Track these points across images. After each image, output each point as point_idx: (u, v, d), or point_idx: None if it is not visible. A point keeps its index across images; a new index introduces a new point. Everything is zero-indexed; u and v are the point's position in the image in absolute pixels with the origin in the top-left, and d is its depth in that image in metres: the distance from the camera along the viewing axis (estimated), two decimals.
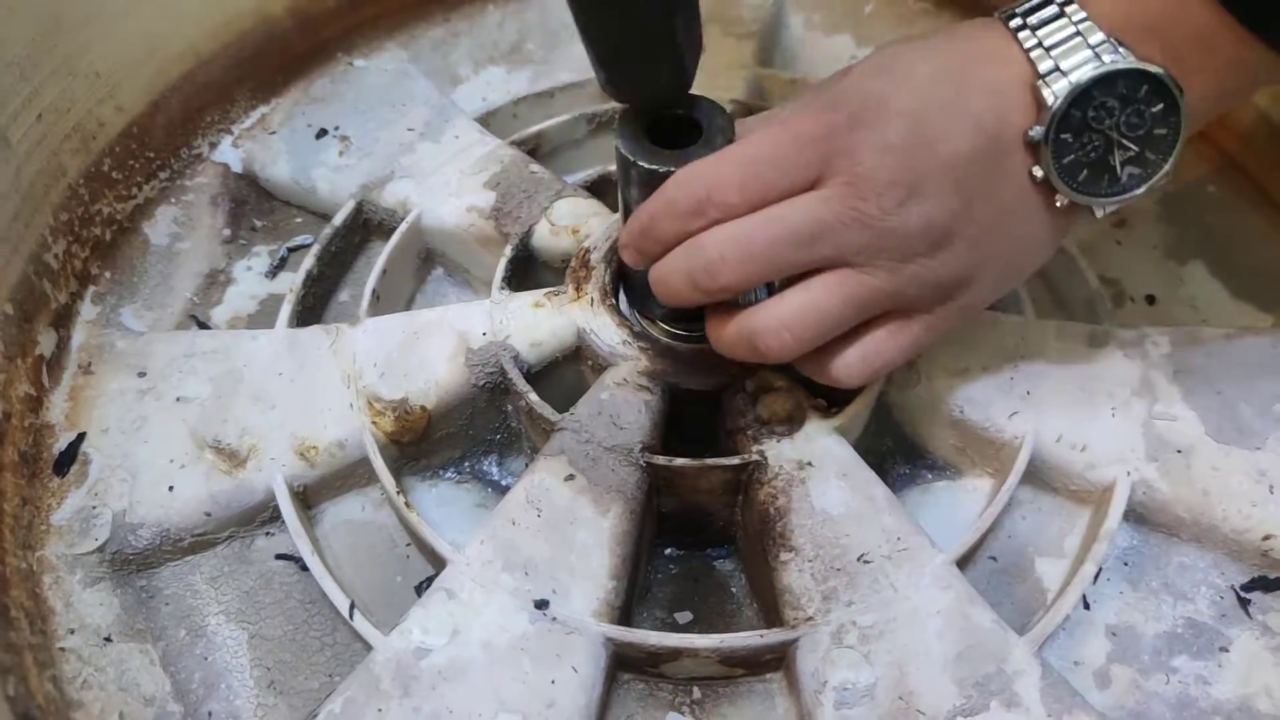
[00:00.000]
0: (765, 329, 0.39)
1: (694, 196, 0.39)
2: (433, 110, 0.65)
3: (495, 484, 0.54)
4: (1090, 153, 0.39)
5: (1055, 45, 0.38)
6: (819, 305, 0.39)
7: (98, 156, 0.59)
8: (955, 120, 0.38)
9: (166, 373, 0.53)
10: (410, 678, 0.42)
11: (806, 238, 0.38)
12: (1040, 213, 0.40)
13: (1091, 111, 0.38)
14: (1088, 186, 0.40)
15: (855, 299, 0.39)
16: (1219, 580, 0.48)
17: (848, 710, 0.41)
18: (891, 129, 0.37)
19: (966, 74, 0.39)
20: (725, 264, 0.38)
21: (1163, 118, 0.39)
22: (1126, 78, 0.38)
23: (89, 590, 0.47)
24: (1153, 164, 0.40)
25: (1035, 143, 0.39)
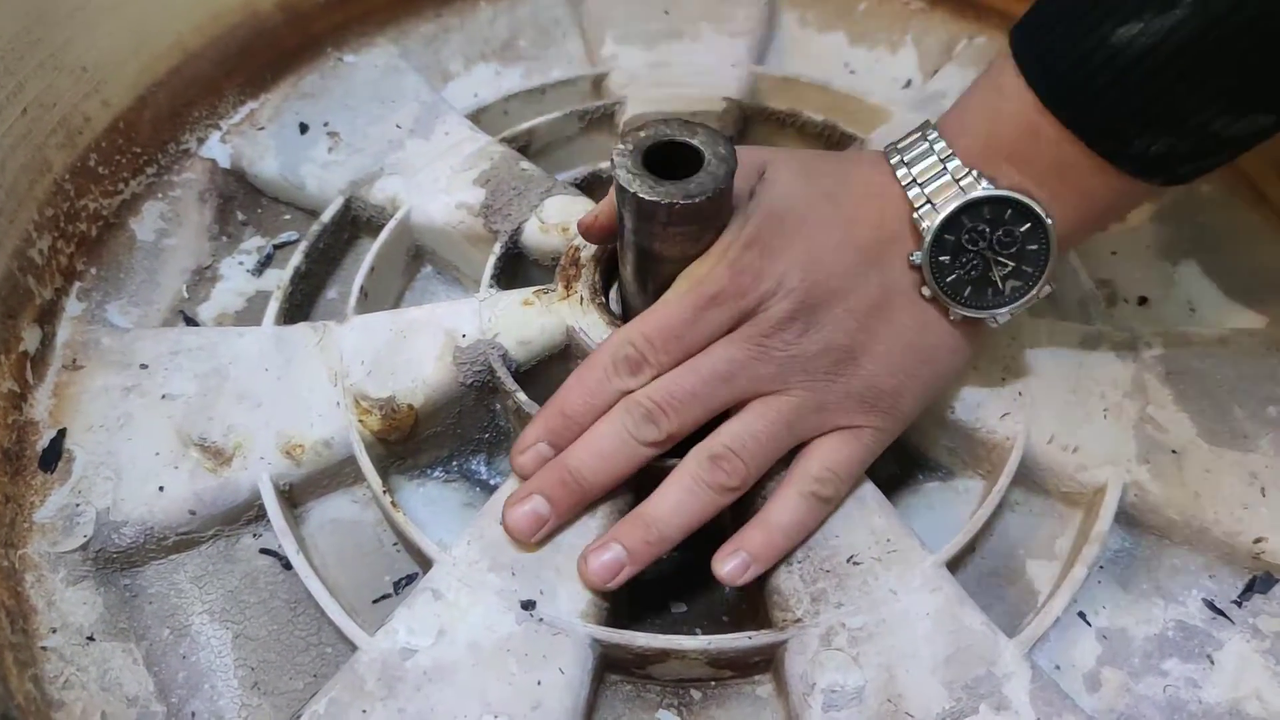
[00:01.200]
0: (714, 454, 0.43)
1: (631, 357, 0.44)
2: (423, 106, 0.65)
3: (483, 483, 0.54)
4: (970, 271, 0.43)
5: (926, 180, 0.43)
6: (752, 427, 0.44)
7: (84, 152, 0.59)
8: (843, 257, 0.43)
9: (152, 370, 0.53)
10: (395, 678, 0.42)
11: (725, 375, 0.43)
12: (940, 324, 0.45)
13: (965, 235, 0.43)
14: (974, 300, 0.44)
15: (782, 415, 0.44)
16: (1210, 583, 0.48)
17: (836, 713, 0.41)
18: (789, 276, 0.43)
19: (852, 215, 0.44)
20: (661, 411, 0.43)
21: (1031, 235, 0.43)
22: (989, 204, 0.42)
23: (72, 589, 0.47)
24: (1030, 276, 0.44)
25: (917, 266, 0.43)
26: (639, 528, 0.43)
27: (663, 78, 0.67)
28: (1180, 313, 0.59)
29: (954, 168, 0.42)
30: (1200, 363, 0.52)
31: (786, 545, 0.44)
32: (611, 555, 0.43)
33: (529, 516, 0.44)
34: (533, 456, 0.45)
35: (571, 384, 0.45)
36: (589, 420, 0.44)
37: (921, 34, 0.73)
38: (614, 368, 0.44)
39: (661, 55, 0.69)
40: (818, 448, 0.45)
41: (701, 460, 0.44)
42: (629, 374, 0.44)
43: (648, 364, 0.44)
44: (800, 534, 0.44)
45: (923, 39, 0.73)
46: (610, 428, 0.44)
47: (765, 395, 0.44)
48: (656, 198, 0.41)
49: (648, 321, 0.44)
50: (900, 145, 0.45)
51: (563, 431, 0.45)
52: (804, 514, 0.44)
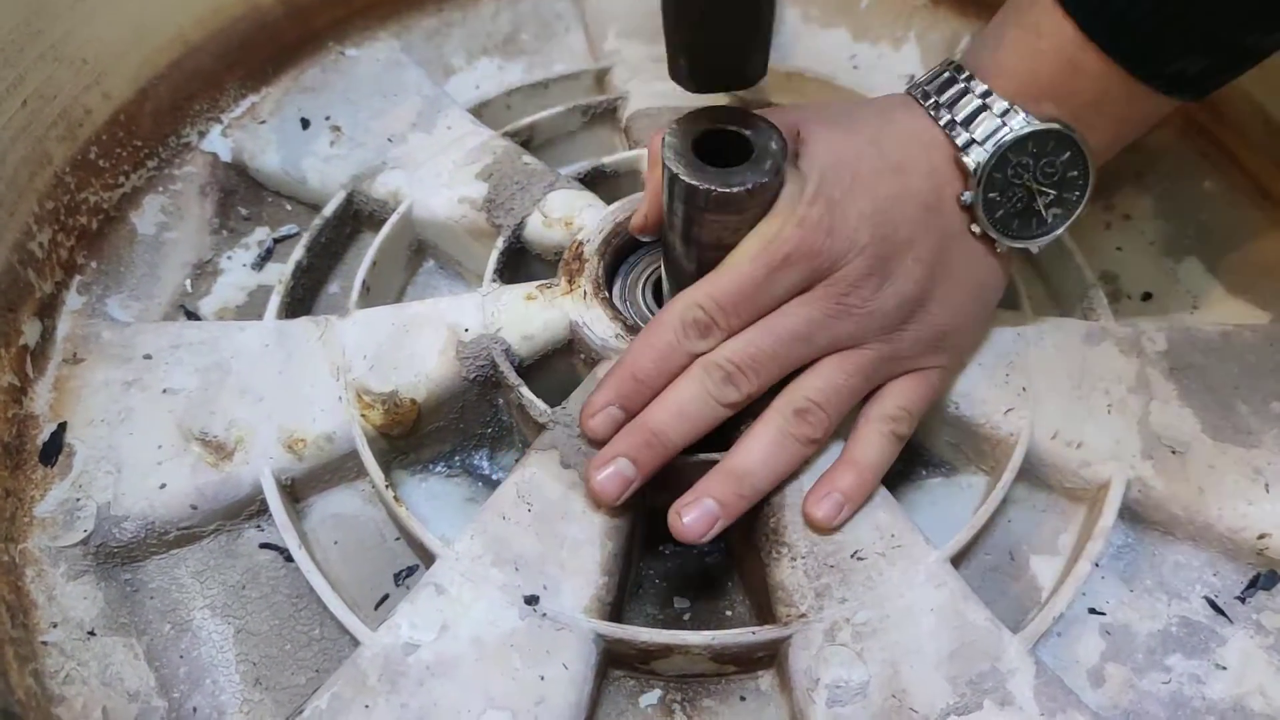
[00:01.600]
0: (800, 408, 0.44)
1: (702, 321, 0.43)
2: (425, 100, 0.64)
3: (486, 478, 0.54)
4: (1016, 204, 0.44)
5: (967, 119, 0.43)
6: (833, 381, 0.44)
7: (84, 144, 0.58)
8: (904, 207, 0.44)
9: (153, 364, 0.52)
10: (398, 673, 0.42)
11: (804, 336, 0.43)
12: (987, 259, 0.46)
13: (1010, 171, 0.43)
14: (1020, 232, 0.45)
15: (860, 369, 0.45)
16: (1214, 579, 0.48)
17: (840, 708, 0.41)
18: (859, 232, 0.43)
19: (902, 163, 0.44)
20: (741, 373, 0.43)
21: (1071, 162, 0.44)
22: (1033, 138, 0.43)
23: (72, 583, 0.47)
24: (1071, 202, 0.45)
25: (968, 206, 0.44)
26: (731, 480, 0.44)
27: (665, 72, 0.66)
28: (1183, 309, 0.59)
29: (996, 105, 0.43)
30: (1204, 358, 0.52)
31: (874, 483, 0.45)
32: (703, 510, 0.43)
33: (615, 479, 0.43)
34: (605, 420, 0.45)
35: (640, 348, 0.45)
36: (660, 383, 0.44)
37: (925, 30, 0.73)
38: (684, 330, 0.44)
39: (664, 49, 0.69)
40: (891, 388, 0.46)
41: (787, 414, 0.44)
42: (699, 337, 0.44)
43: (718, 327, 0.43)
44: (882, 471, 0.46)
45: (926, 35, 0.72)
46: (691, 389, 0.44)
47: (843, 350, 0.44)
48: (696, 182, 0.41)
49: (717, 283, 0.43)
50: (930, 87, 0.45)
51: (634, 395, 0.44)
52: (886, 450, 0.45)
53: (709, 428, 0.44)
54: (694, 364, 0.44)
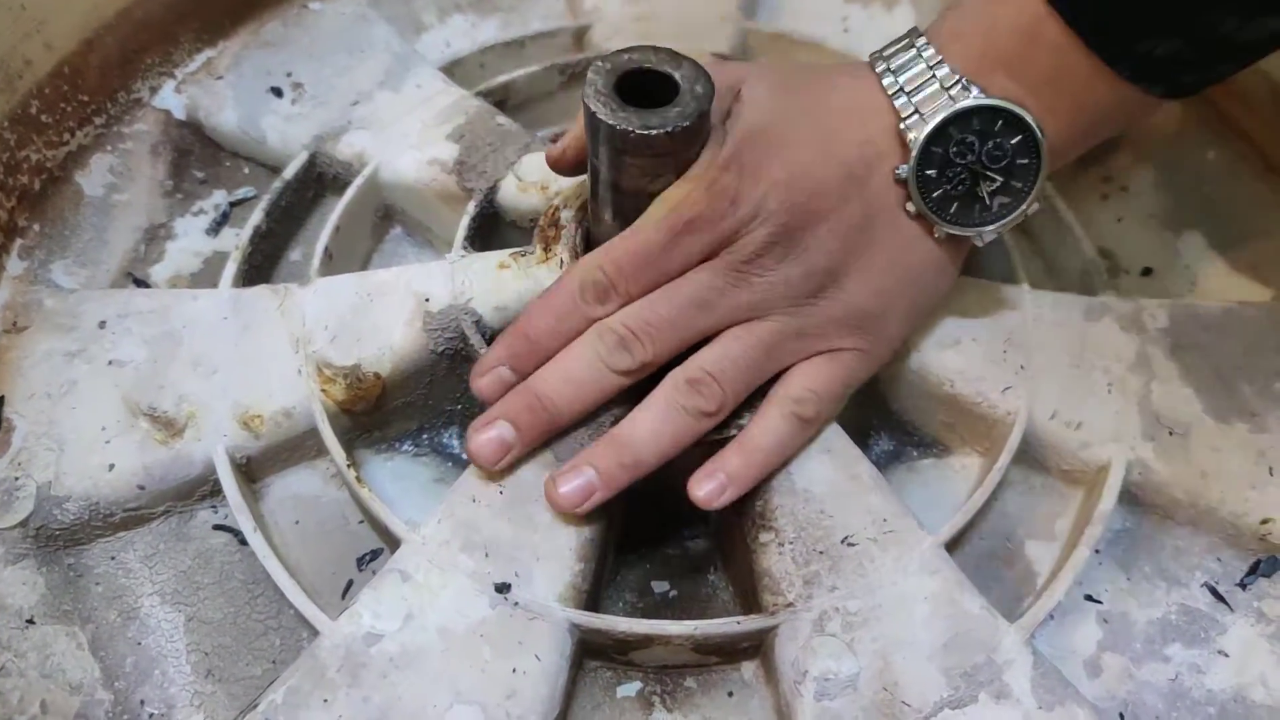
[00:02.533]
0: (691, 378, 0.41)
1: (600, 283, 0.42)
2: (394, 58, 0.61)
3: (455, 458, 0.51)
4: (957, 186, 0.41)
5: (914, 89, 0.41)
6: (730, 351, 0.42)
7: (24, 98, 0.54)
8: (824, 176, 0.41)
9: (99, 334, 0.49)
10: (359, 665, 0.39)
11: (702, 303, 0.41)
12: (922, 242, 0.43)
13: (952, 148, 0.41)
14: (961, 217, 0.42)
15: (760, 341, 0.42)
16: (1215, 565, 0.46)
17: (829, 702, 0.39)
18: (767, 200, 0.40)
19: (833, 130, 0.42)
20: (635, 338, 0.41)
21: (1022, 148, 0.41)
22: (979, 114, 0.40)
23: (10, 568, 0.44)
24: (1019, 192, 0.42)
25: (902, 180, 0.42)
26: (612, 450, 0.41)
27: (648, 31, 0.64)
28: (1184, 283, 0.57)
29: (943, 76, 0.40)
30: (1206, 336, 0.50)
31: (766, 466, 0.42)
32: (583, 479, 0.41)
33: (493, 443, 0.42)
34: (493, 380, 0.43)
35: (536, 308, 0.43)
36: (554, 346, 0.42)
37: None
38: (582, 293, 0.42)
39: (647, 7, 0.66)
40: (798, 370, 0.43)
41: (678, 384, 0.42)
42: (597, 301, 0.42)
43: (617, 292, 0.42)
44: (780, 455, 0.43)
45: None
46: (582, 353, 0.42)
47: (744, 322, 0.42)
48: (615, 123, 0.38)
49: (619, 247, 0.42)
50: (886, 54, 0.43)
51: (526, 356, 0.43)
52: (784, 435, 0.42)
53: (600, 396, 0.42)
54: (589, 329, 0.42)
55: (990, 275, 0.51)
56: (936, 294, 0.45)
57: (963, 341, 0.48)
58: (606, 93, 0.39)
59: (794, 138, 0.41)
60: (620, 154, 0.40)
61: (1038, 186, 0.42)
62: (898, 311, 0.44)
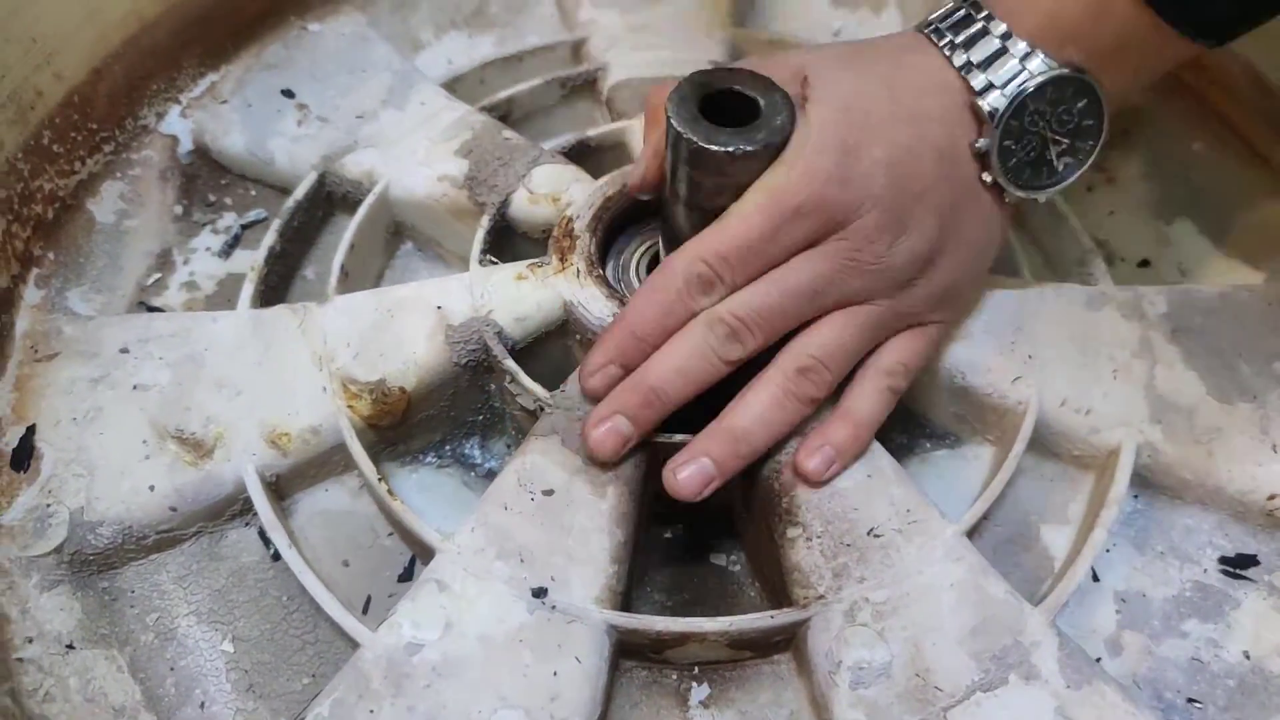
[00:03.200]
0: (803, 365, 0.42)
1: (705, 275, 0.41)
2: (395, 76, 0.62)
3: (478, 467, 0.52)
4: (1030, 153, 0.43)
5: (985, 62, 0.41)
6: (839, 338, 0.43)
7: (36, 128, 0.55)
8: (919, 156, 0.42)
9: (121, 359, 0.50)
10: (402, 675, 0.40)
11: (812, 292, 0.41)
12: (994, 210, 0.44)
13: (1028, 118, 0.42)
14: (1031, 181, 0.43)
15: (867, 326, 0.43)
16: (1224, 541, 0.47)
17: (864, 690, 0.40)
18: (873, 182, 0.40)
19: (917, 108, 0.42)
20: (746, 329, 0.41)
21: (1087, 111, 0.42)
22: (1053, 84, 0.41)
23: (47, 595, 0.44)
24: (1083, 151, 0.43)
25: (983, 153, 0.42)
26: (728, 440, 0.42)
27: (644, 41, 0.65)
28: (1176, 271, 0.58)
29: (1017, 49, 0.41)
30: (1205, 320, 0.51)
31: (868, 438, 0.44)
32: (699, 467, 0.42)
33: (612, 434, 0.42)
34: (604, 379, 0.43)
35: (640, 304, 0.43)
36: (661, 341, 0.42)
37: None
38: (687, 287, 0.42)
39: (641, 18, 0.67)
40: (891, 343, 0.44)
41: (789, 372, 0.42)
42: (702, 293, 0.42)
43: (723, 282, 0.41)
44: (876, 427, 0.44)
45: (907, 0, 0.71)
46: (692, 344, 0.42)
47: (847, 306, 0.43)
48: (704, 143, 0.39)
49: (722, 237, 0.41)
50: (945, 25, 0.43)
51: (633, 352, 0.43)
52: (881, 406, 0.44)
53: (709, 385, 0.43)
54: (696, 319, 0.42)
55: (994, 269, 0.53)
56: (994, 256, 0.47)
57: (972, 335, 0.49)
58: (694, 117, 0.40)
59: (883, 116, 0.41)
60: (713, 174, 0.41)
61: (1100, 143, 0.43)
62: (973, 282, 0.46)
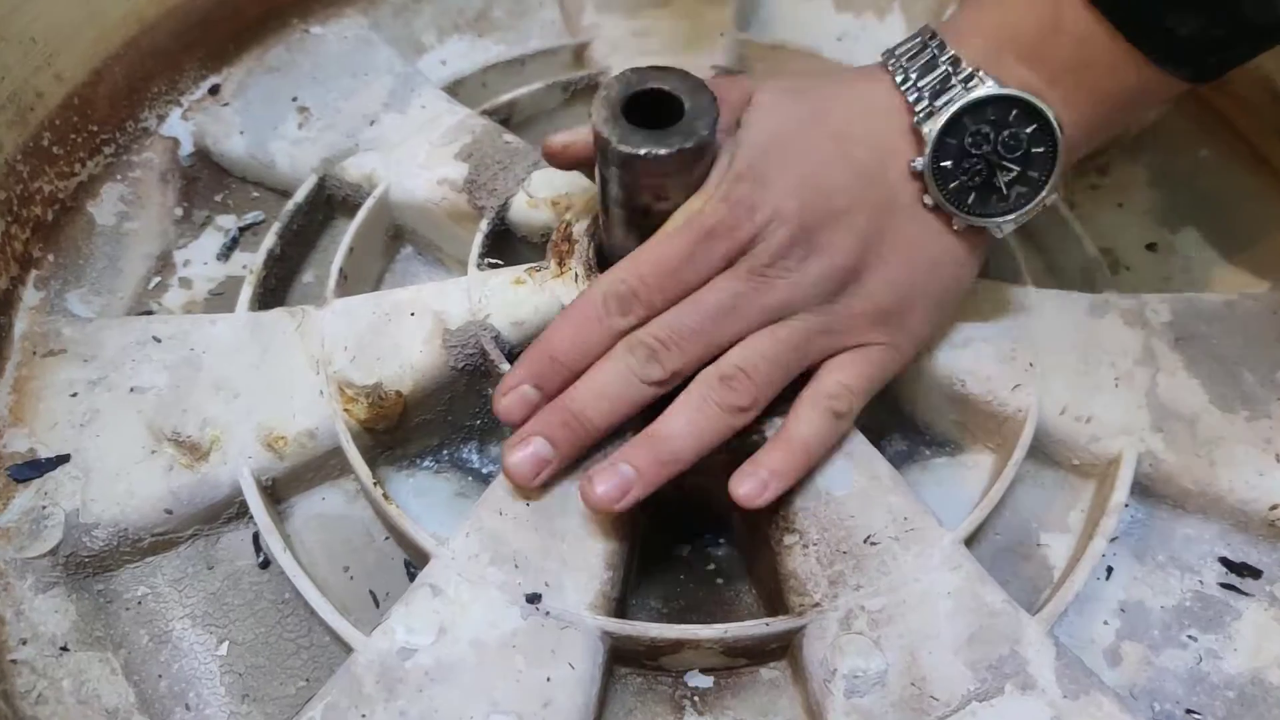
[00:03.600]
0: (724, 374, 0.42)
1: (623, 295, 0.42)
2: (397, 79, 0.62)
3: (475, 472, 0.52)
4: (974, 177, 0.42)
5: (927, 84, 0.42)
6: (759, 348, 0.42)
7: (36, 130, 0.55)
8: (839, 176, 0.42)
9: (119, 361, 0.50)
10: (395, 680, 0.40)
11: (729, 309, 0.42)
12: (942, 236, 0.44)
13: (967, 138, 0.41)
14: (978, 208, 0.43)
15: (789, 339, 0.43)
16: (1225, 551, 0.47)
17: (859, 699, 0.39)
18: (785, 204, 0.41)
19: (846, 132, 0.43)
20: (665, 348, 0.42)
21: (1038, 137, 0.41)
22: (993, 104, 0.41)
23: (42, 597, 0.44)
24: (1036, 181, 0.42)
25: (919, 173, 0.42)
26: (648, 447, 0.42)
27: (647, 46, 0.65)
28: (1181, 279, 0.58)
29: (955, 67, 0.41)
30: (1208, 328, 0.51)
31: (807, 462, 0.43)
32: (620, 477, 0.41)
33: (531, 460, 0.42)
34: (517, 400, 0.43)
35: (559, 325, 0.43)
36: (579, 363, 0.43)
37: (910, 1, 0.71)
38: (605, 307, 0.42)
39: (644, 23, 0.67)
40: (830, 366, 0.44)
41: (710, 380, 0.42)
42: (620, 313, 0.42)
43: (640, 302, 0.42)
44: (819, 451, 0.43)
45: (911, 6, 0.71)
46: (613, 367, 0.42)
47: (771, 324, 0.43)
48: (625, 148, 0.39)
49: (641, 259, 0.42)
50: (898, 51, 0.43)
51: (550, 375, 0.43)
52: (821, 429, 0.43)
53: (632, 409, 0.43)
54: (618, 343, 0.42)
55: (995, 275, 0.52)
56: (959, 286, 0.46)
57: (972, 342, 0.49)
58: (614, 116, 0.40)
59: (805, 141, 0.42)
60: (629, 175, 0.41)
61: (1055, 176, 0.42)
62: (921, 305, 0.44)
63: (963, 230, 0.43)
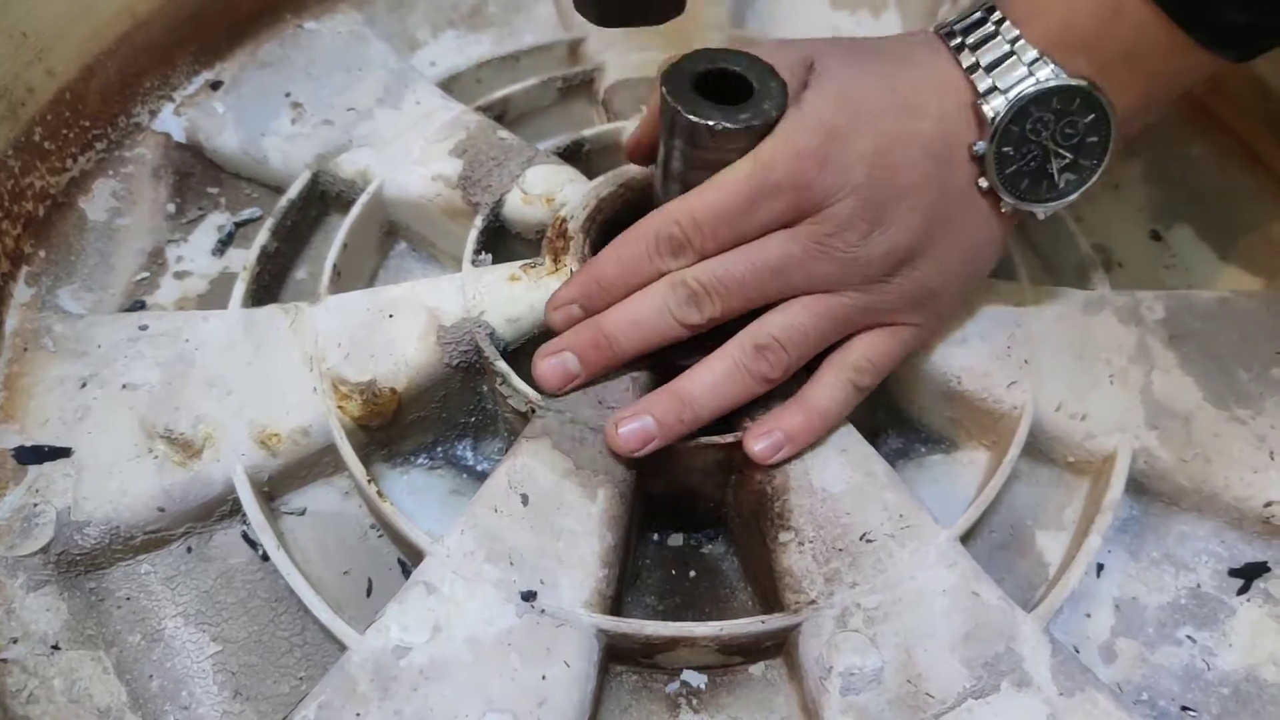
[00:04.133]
0: (761, 343, 0.42)
1: (676, 238, 0.42)
2: (391, 75, 0.61)
3: (470, 469, 0.51)
4: (1030, 162, 0.42)
5: (992, 65, 0.41)
6: (800, 321, 0.42)
7: (27, 125, 0.55)
8: (908, 150, 0.41)
9: (110, 358, 0.49)
10: (389, 678, 0.39)
11: (780, 269, 0.41)
12: (990, 218, 0.44)
13: (1029, 126, 0.41)
14: (1029, 193, 0.43)
15: (832, 314, 0.43)
16: (1220, 549, 0.47)
17: (855, 696, 0.39)
18: (855, 170, 0.40)
19: (914, 104, 0.42)
20: (707, 295, 0.42)
21: (1094, 127, 0.42)
22: (1058, 94, 0.41)
23: (33, 595, 0.44)
24: (1087, 169, 0.43)
25: (980, 156, 0.42)
26: (673, 402, 0.42)
27: (642, 42, 0.64)
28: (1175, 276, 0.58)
29: (1025, 53, 0.40)
30: (1203, 325, 0.51)
31: (822, 429, 0.43)
32: (640, 425, 0.42)
33: (558, 369, 0.44)
34: (564, 315, 0.45)
35: (608, 255, 0.44)
36: (623, 294, 0.43)
37: None
38: (657, 245, 0.42)
39: None
40: (860, 338, 0.44)
41: (746, 347, 0.42)
42: (671, 254, 0.42)
43: (692, 247, 0.42)
44: (834, 421, 0.44)
45: (906, 3, 0.71)
46: (651, 301, 0.43)
47: (815, 293, 0.42)
48: (695, 117, 0.40)
49: (700, 200, 0.41)
50: (959, 27, 0.42)
51: (596, 299, 0.44)
52: (841, 400, 0.43)
53: (660, 343, 0.43)
54: (663, 278, 0.43)
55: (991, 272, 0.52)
56: (986, 269, 0.46)
57: (968, 339, 0.49)
58: (684, 88, 0.40)
59: (874, 109, 0.41)
60: (693, 146, 0.41)
61: (1105, 163, 0.42)
62: (955, 289, 0.45)
63: (1008, 214, 0.43)
